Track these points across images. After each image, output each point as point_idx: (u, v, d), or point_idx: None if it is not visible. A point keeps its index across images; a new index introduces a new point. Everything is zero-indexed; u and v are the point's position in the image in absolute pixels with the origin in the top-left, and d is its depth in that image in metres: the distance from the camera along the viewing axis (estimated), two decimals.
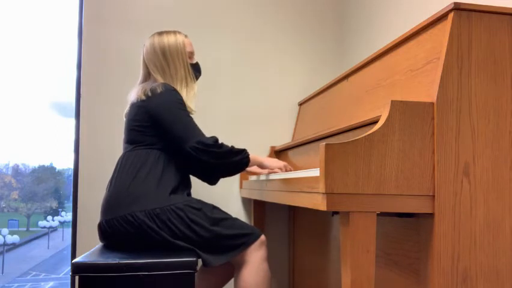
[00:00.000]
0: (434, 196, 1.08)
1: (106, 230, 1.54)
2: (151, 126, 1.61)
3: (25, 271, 25.42)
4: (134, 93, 1.70)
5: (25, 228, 41.71)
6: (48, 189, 50.24)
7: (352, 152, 1.05)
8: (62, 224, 40.93)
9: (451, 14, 1.14)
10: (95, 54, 2.30)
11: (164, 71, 1.72)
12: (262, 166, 1.82)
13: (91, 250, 1.51)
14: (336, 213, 1.10)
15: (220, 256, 1.53)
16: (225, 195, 2.38)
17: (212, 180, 1.77)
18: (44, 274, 24.86)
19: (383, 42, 2.01)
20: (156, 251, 1.47)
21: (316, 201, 1.09)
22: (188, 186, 1.73)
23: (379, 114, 1.17)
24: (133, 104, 1.67)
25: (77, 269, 1.32)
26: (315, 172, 1.15)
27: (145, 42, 1.78)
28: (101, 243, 1.64)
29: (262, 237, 1.60)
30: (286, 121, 2.52)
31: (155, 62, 1.72)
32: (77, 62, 2.31)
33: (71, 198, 2.27)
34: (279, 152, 2.34)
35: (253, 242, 1.57)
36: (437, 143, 1.09)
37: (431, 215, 1.09)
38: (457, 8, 1.13)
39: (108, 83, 2.30)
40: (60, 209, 48.66)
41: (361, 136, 1.06)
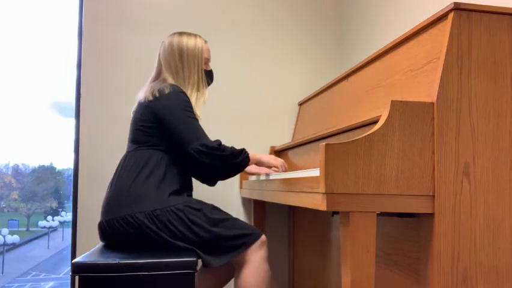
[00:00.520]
0: (434, 196, 1.08)
1: (106, 230, 1.54)
2: (156, 127, 1.61)
3: (25, 271, 25.40)
4: (142, 93, 1.69)
5: (25, 228, 41.68)
6: (48, 189, 50.21)
7: (352, 152, 1.05)
8: (62, 224, 40.90)
9: (451, 14, 1.14)
10: (95, 54, 2.30)
11: (177, 72, 1.71)
12: (260, 163, 1.79)
13: (91, 250, 1.51)
14: (336, 213, 1.10)
15: (220, 257, 1.53)
16: (225, 195, 2.38)
17: (212, 181, 1.78)
18: (44, 274, 24.85)
19: (383, 42, 2.01)
20: (156, 251, 1.47)
21: (316, 201, 1.09)
22: (190, 188, 1.73)
23: (379, 114, 1.17)
24: (140, 104, 1.67)
25: (77, 269, 1.32)
26: (315, 172, 1.15)
27: (164, 40, 1.77)
28: (101, 242, 1.64)
29: (263, 237, 1.60)
30: (286, 121, 2.52)
31: (170, 61, 1.72)
32: (77, 62, 2.31)
33: (71, 198, 2.27)
34: (279, 152, 2.34)
35: (253, 242, 1.57)
36: (437, 143, 1.09)
37: (431, 215, 1.09)
38: (457, 8, 1.13)
39: (108, 83, 2.30)
40: (60, 209, 48.64)
41: (361, 136, 1.06)
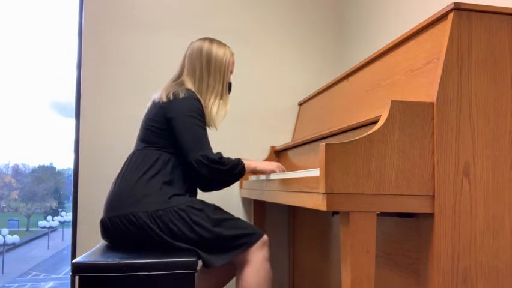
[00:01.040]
0: (434, 196, 1.08)
1: (108, 227, 1.54)
2: (166, 129, 1.61)
3: (25, 271, 25.39)
4: (158, 93, 1.68)
5: (25, 228, 41.66)
6: (48, 189, 50.19)
7: (352, 152, 1.05)
8: (62, 224, 40.89)
9: (451, 14, 1.14)
10: (95, 53, 2.30)
11: (201, 78, 1.70)
12: (255, 172, 1.78)
13: (91, 250, 1.51)
14: (336, 213, 1.10)
15: (221, 256, 1.53)
16: (225, 195, 2.38)
17: (207, 189, 1.78)
18: (44, 274, 24.84)
19: (383, 42, 2.01)
20: (156, 251, 1.47)
21: (316, 201, 1.09)
22: (195, 192, 1.73)
23: (379, 114, 1.17)
24: (154, 104, 1.66)
25: (77, 269, 1.31)
26: (315, 172, 1.15)
27: (193, 42, 1.76)
28: (101, 241, 1.64)
29: (265, 237, 1.60)
30: (286, 121, 2.52)
31: (196, 65, 1.71)
32: (77, 61, 2.31)
33: (71, 198, 2.27)
34: (279, 152, 2.34)
35: (255, 242, 1.57)
36: (437, 143, 1.09)
37: (431, 215, 1.09)
38: (457, 8, 1.13)
39: (108, 82, 2.30)
40: (60, 209, 48.62)
41: (361, 136, 1.06)
